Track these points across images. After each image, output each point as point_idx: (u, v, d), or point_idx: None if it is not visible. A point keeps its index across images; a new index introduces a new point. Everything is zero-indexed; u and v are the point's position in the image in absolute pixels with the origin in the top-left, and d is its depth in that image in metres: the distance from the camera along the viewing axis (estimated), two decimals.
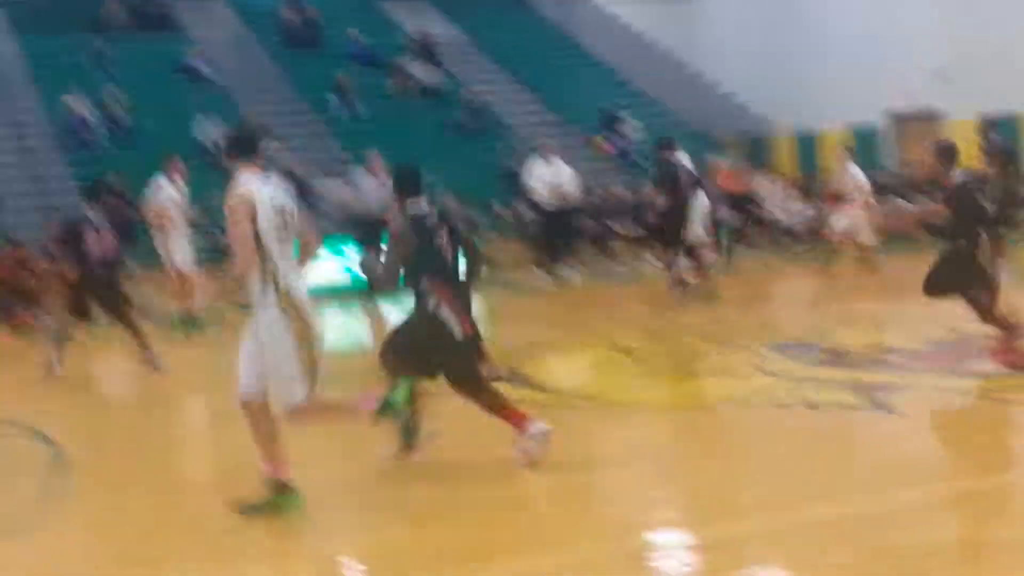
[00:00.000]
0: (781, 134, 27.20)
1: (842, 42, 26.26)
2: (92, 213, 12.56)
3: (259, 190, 6.63)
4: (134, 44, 27.27)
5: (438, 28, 30.31)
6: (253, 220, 6.51)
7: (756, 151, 26.76)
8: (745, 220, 21.53)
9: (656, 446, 8.65)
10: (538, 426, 7.47)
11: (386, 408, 6.71)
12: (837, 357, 10.89)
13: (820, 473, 7.27)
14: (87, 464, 8.48)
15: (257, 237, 6.51)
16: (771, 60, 27.84)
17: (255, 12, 29.58)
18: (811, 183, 23.00)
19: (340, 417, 7.03)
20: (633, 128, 26.79)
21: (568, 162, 20.08)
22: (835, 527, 6.18)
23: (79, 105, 24.12)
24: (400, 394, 6.74)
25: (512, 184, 21.54)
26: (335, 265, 18.22)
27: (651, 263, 17.96)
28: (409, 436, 7.17)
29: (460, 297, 7.51)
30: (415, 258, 7.46)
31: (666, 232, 15.26)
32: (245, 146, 6.88)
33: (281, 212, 6.64)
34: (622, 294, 15.93)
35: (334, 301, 16.49)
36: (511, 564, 5.86)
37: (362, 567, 6.17)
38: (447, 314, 7.40)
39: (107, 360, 14.10)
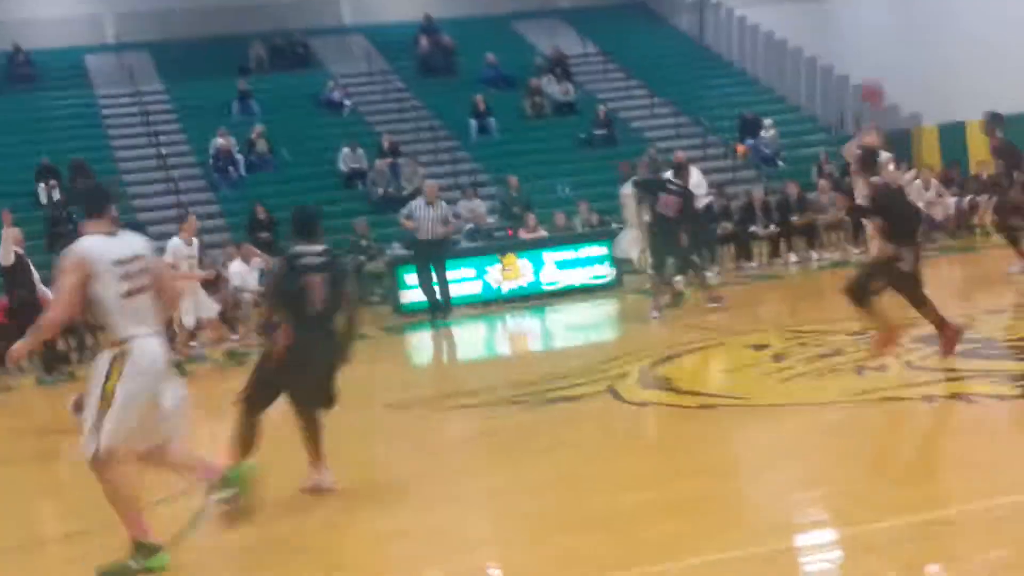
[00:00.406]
0: (924, 126, 26.54)
1: (985, 30, 25.52)
2: None
3: (98, 246, 6.51)
4: (275, 81, 28.10)
5: (571, 45, 30.44)
6: (86, 275, 6.41)
7: (898, 144, 26.12)
8: None
9: (802, 445, 8.44)
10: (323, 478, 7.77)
11: (225, 484, 6.69)
12: (987, 347, 10.53)
13: (974, 468, 6.99)
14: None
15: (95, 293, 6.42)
16: (911, 53, 27.19)
17: (391, 43, 30.13)
18: (956, 174, 22.46)
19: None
20: (772, 132, 26.47)
21: (706, 169, 20.04)
22: (991, 523, 5.94)
23: (224, 142, 24.85)
24: (240, 473, 6.75)
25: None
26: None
27: (789, 262, 17.72)
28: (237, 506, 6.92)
29: (307, 337, 7.58)
30: (282, 295, 7.68)
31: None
32: (91, 204, 6.75)
33: (125, 268, 6.49)
34: (760, 293, 15.67)
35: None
36: (660, 569, 5.77)
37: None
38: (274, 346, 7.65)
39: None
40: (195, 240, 15.35)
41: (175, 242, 15.12)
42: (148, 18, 29.63)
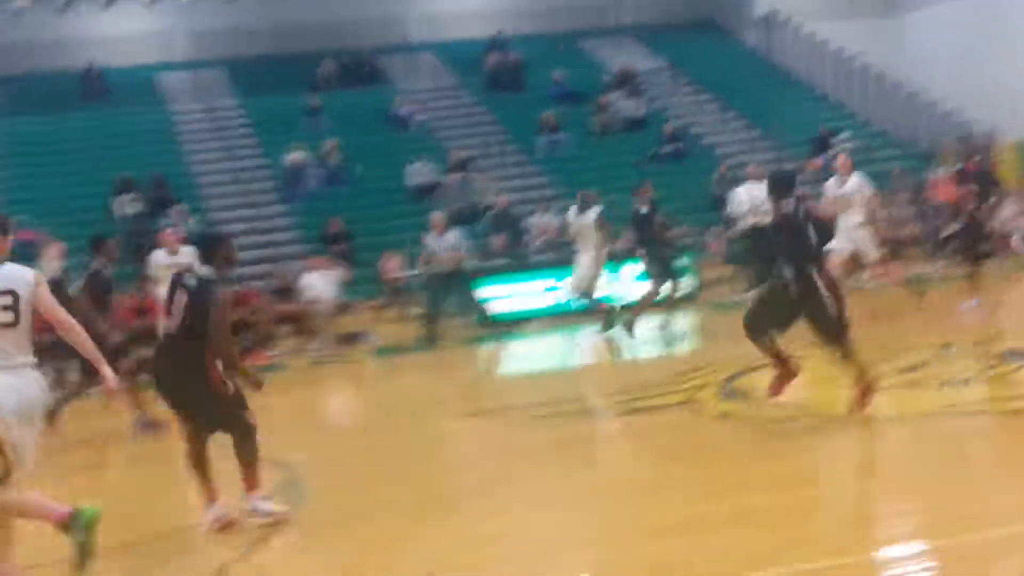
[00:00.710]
0: (1002, 142, 26.21)
1: None
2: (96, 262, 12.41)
3: None
4: (345, 98, 28.35)
5: (640, 61, 30.44)
6: None
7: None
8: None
9: (885, 458, 8.40)
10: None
11: (74, 522, 6.46)
12: None
13: None
14: (320, 489, 8.76)
15: None
16: (985, 67, 26.92)
17: (459, 60, 30.33)
18: None
19: (34, 516, 6.60)
20: (847, 147, 26.26)
21: None
22: None
23: (297, 156, 25.16)
24: (88, 515, 6.51)
25: (719, 208, 21.49)
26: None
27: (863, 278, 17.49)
28: (83, 557, 6.63)
29: (159, 354, 7.73)
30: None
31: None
32: None
33: None
34: None
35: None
36: None
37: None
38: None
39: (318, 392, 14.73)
40: (183, 250, 14.78)
41: (155, 254, 15.31)
42: (220, 36, 30.06)
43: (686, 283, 17.75)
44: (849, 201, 14.94)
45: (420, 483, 8.75)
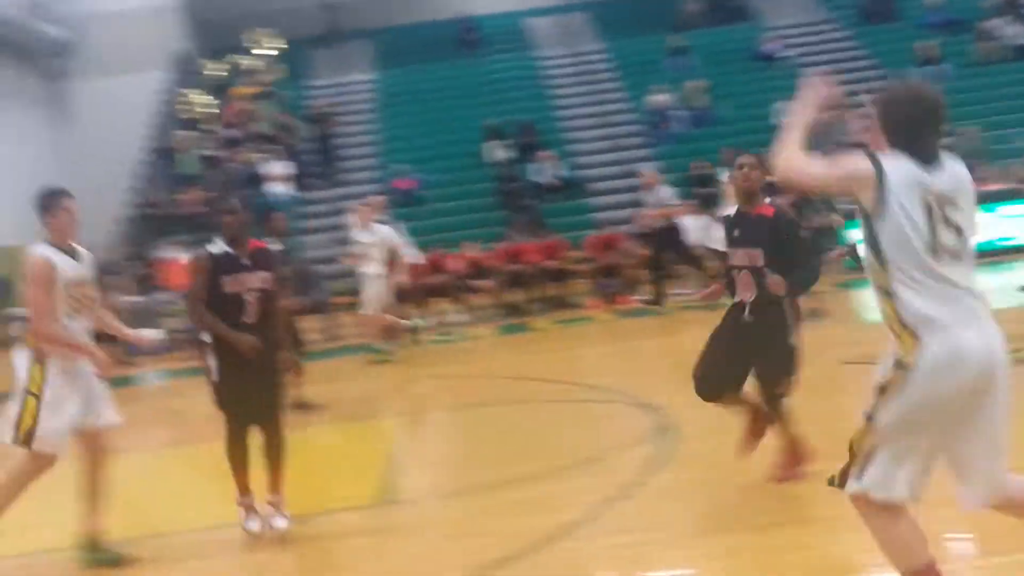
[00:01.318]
0: None
1: None
2: None
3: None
4: (711, 36, 27.95)
5: None
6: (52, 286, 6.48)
7: None
8: None
9: None
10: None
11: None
12: None
13: None
14: (689, 434, 8.63)
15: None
16: None
17: None
18: None
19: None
20: None
21: None
22: None
23: (661, 98, 25.02)
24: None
25: None
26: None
27: None
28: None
29: (228, 346, 6.87)
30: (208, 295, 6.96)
31: None
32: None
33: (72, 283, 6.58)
34: None
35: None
36: None
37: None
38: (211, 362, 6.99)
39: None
40: (377, 227, 14.24)
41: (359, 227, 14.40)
42: None
43: None
44: None
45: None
